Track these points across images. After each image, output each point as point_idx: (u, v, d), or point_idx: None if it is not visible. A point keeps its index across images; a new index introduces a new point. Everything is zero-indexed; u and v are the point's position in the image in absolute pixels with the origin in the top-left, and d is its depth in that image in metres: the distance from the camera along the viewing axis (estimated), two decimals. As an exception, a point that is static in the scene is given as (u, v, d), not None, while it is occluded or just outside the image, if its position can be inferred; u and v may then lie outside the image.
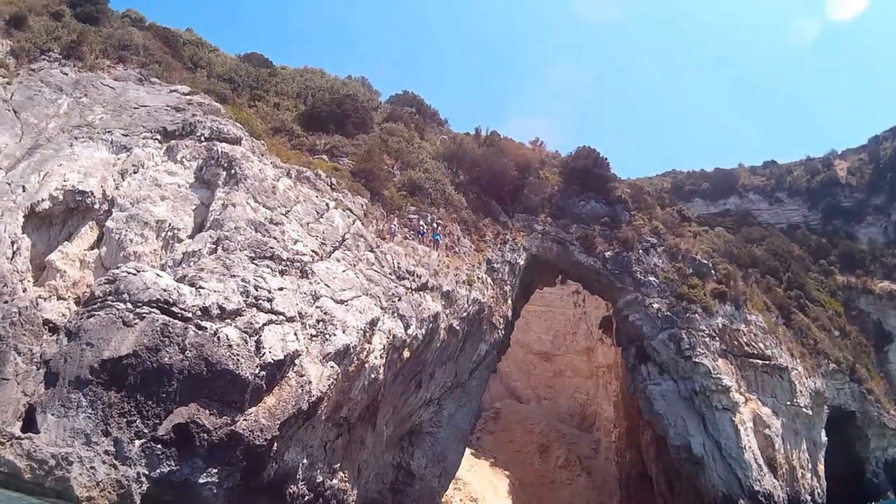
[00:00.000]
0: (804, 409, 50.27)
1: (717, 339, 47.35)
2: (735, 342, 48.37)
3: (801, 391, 50.55)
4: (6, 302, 23.21)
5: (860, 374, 59.92)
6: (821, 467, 51.15)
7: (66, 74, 35.73)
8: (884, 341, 72.49)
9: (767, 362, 49.05)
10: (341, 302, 28.02)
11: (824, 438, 52.84)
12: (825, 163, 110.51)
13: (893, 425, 60.20)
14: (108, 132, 31.89)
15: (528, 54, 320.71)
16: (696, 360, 45.40)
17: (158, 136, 32.88)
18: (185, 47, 49.55)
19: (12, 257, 24.98)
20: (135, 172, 30.13)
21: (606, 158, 56.51)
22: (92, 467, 19.11)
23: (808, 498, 47.51)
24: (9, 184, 27.09)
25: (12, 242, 25.27)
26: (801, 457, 48.91)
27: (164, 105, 35.94)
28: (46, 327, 23.02)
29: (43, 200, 26.84)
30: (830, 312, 67.55)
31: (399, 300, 31.56)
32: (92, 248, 27.21)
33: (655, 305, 47.88)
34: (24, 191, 26.91)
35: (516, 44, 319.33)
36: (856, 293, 77.18)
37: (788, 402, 49.19)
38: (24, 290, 24.29)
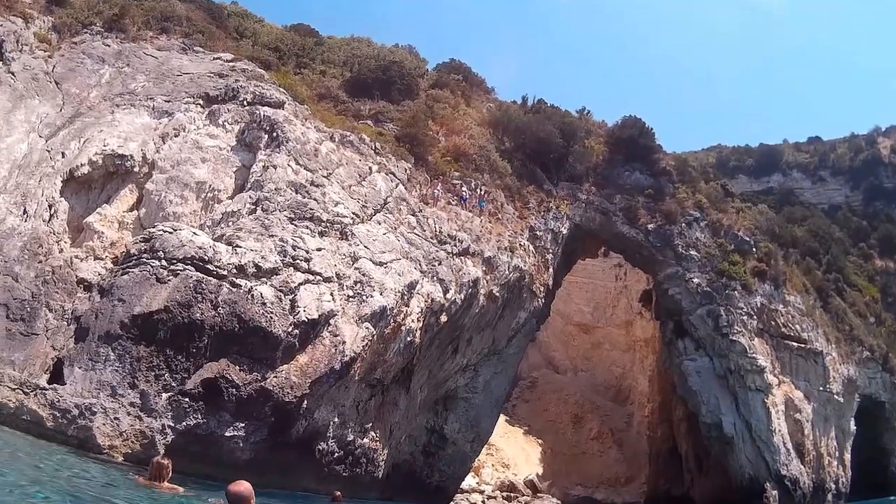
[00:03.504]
0: (836, 396, 49.62)
1: (755, 317, 46.91)
2: (772, 322, 47.88)
3: (834, 377, 49.83)
4: (40, 262, 23.62)
5: (893, 364, 58.32)
6: (847, 456, 50.73)
7: (109, 46, 35.72)
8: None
9: (803, 345, 48.56)
10: (380, 264, 28.13)
11: (853, 427, 52.17)
12: (869, 140, 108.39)
13: (922, 419, 58.42)
14: (150, 99, 32.03)
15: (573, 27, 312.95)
16: (733, 337, 45.12)
17: (201, 101, 33.04)
18: (230, 18, 49.74)
19: (49, 219, 25.37)
20: (176, 136, 30.41)
21: (652, 128, 55.95)
22: (116, 418, 19.60)
23: (833, 486, 47.35)
24: (48, 150, 27.47)
25: (49, 205, 25.63)
26: (829, 444, 48.53)
27: (207, 72, 36.04)
28: (81, 286, 23.37)
29: (82, 165, 27.08)
30: (867, 298, 66.04)
31: (439, 264, 31.58)
32: (131, 209, 27.58)
33: (696, 280, 47.56)
34: (63, 157, 27.24)
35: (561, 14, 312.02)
36: (893, 279, 75.36)
37: (821, 388, 48.63)
38: (61, 251, 24.65)
